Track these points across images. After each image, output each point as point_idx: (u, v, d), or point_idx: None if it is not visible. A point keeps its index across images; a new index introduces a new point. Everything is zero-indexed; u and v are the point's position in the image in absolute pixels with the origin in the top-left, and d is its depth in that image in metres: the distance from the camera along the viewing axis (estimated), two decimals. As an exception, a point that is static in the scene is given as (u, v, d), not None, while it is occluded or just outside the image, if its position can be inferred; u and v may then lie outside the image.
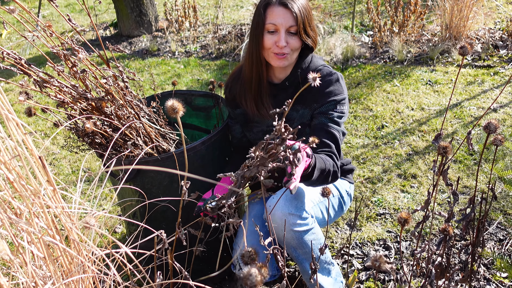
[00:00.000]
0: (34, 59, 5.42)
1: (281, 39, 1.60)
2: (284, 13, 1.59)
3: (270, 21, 1.60)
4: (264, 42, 1.63)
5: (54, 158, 3.33)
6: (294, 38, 1.62)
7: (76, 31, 1.49)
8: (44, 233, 0.94)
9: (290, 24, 1.59)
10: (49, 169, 0.87)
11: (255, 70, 1.72)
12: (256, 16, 1.65)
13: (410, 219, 1.05)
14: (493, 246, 2.12)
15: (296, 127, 1.11)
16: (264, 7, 1.62)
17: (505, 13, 4.74)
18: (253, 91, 1.76)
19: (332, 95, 1.67)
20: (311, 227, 1.58)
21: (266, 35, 1.63)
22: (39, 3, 6.19)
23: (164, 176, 1.74)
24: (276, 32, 1.62)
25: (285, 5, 1.59)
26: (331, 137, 1.64)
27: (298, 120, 1.75)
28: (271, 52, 1.64)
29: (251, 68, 1.72)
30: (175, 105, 0.96)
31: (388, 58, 4.28)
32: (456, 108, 3.30)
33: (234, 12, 6.22)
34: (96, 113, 1.65)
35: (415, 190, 2.55)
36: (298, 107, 1.74)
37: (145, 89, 4.23)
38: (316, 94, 1.68)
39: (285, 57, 1.64)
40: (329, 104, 1.67)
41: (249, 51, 1.71)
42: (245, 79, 1.78)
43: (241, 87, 1.81)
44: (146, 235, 1.22)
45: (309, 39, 1.65)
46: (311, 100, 1.71)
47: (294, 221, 1.53)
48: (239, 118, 1.88)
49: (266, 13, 1.61)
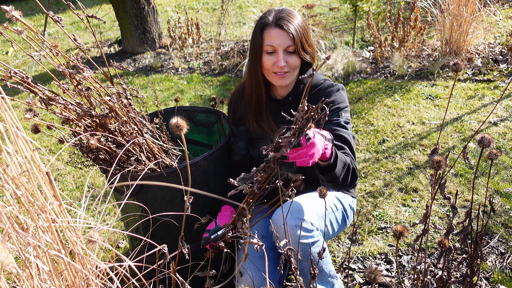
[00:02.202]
0: (39, 76, 5.50)
1: (280, 60, 1.63)
2: (281, 34, 1.63)
3: (268, 43, 1.64)
4: (264, 63, 1.67)
5: (59, 173, 3.37)
6: (293, 57, 1.66)
7: (81, 50, 1.54)
8: (49, 247, 0.97)
9: (288, 44, 1.63)
10: (55, 184, 0.90)
11: (255, 89, 1.76)
12: (254, 38, 1.69)
13: (406, 232, 1.07)
14: (494, 260, 2.12)
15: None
16: (261, 30, 1.66)
17: (504, 28, 4.79)
18: (253, 108, 1.80)
19: (335, 104, 1.71)
20: (316, 240, 1.59)
21: (265, 56, 1.66)
22: (45, 21, 6.29)
23: (167, 191, 1.76)
24: (275, 52, 1.65)
25: (281, 27, 1.63)
26: (342, 139, 1.63)
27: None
28: (271, 72, 1.68)
29: (251, 87, 1.77)
30: (180, 123, 0.99)
31: (389, 73, 4.32)
32: (457, 122, 3.32)
33: (236, 29, 6.30)
34: (100, 130, 1.68)
35: (416, 204, 2.57)
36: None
37: (149, 105, 4.28)
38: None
39: (285, 75, 1.68)
40: (333, 112, 1.69)
41: (249, 71, 1.75)
42: (246, 97, 1.82)
43: (243, 105, 1.85)
44: (149, 250, 1.24)
45: (307, 56, 1.69)
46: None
47: (300, 233, 1.54)
48: (243, 135, 1.91)
49: (263, 35, 1.65)
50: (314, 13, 6.28)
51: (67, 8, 9.00)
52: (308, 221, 1.57)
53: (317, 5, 6.79)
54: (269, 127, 1.79)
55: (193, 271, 1.53)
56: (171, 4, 8.32)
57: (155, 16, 5.87)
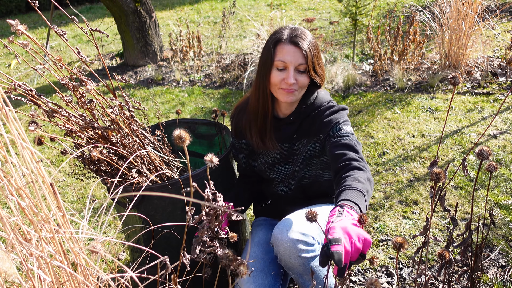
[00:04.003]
0: (41, 88, 5.53)
1: (290, 77, 1.61)
2: (294, 51, 1.61)
3: (280, 58, 1.62)
4: (272, 78, 1.65)
5: (60, 185, 3.37)
6: (303, 76, 1.64)
7: (84, 63, 1.56)
8: (52, 258, 0.98)
9: (300, 62, 1.61)
10: (58, 195, 0.91)
11: (261, 104, 1.74)
12: (266, 52, 1.67)
13: (406, 243, 1.08)
14: (495, 272, 2.12)
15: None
16: (274, 44, 1.63)
17: (503, 41, 4.83)
18: (258, 124, 1.78)
19: (333, 120, 1.71)
20: (318, 254, 1.57)
21: (275, 71, 1.64)
22: (48, 35, 6.35)
23: (168, 203, 1.77)
24: (285, 69, 1.63)
25: (295, 43, 1.61)
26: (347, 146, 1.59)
27: (306, 154, 1.78)
28: (279, 88, 1.66)
29: (257, 101, 1.74)
30: (182, 134, 1.01)
31: (389, 86, 4.35)
32: (457, 134, 3.34)
33: (237, 42, 6.35)
34: (102, 142, 1.70)
35: (416, 216, 2.57)
36: (304, 141, 1.77)
37: (150, 118, 4.31)
38: (320, 124, 1.72)
39: (293, 92, 1.65)
40: (334, 128, 1.69)
41: (257, 85, 1.73)
42: (251, 112, 1.80)
43: (246, 119, 1.83)
44: (149, 262, 1.25)
45: (317, 77, 1.67)
46: (316, 132, 1.74)
47: (302, 247, 1.52)
48: (244, 148, 1.91)
49: (276, 50, 1.63)
50: (314, 26, 6.34)
51: (69, 22, 9.09)
52: (310, 235, 1.56)
53: (317, 19, 6.85)
54: (272, 144, 1.79)
55: (195, 283, 1.53)
56: (172, 17, 8.40)
57: (157, 30, 5.92)
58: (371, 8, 5.08)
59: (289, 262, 1.56)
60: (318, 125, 1.73)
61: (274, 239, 1.59)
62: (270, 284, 1.68)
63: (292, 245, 1.52)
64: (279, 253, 1.58)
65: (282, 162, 1.82)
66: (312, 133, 1.75)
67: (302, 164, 1.81)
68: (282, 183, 1.88)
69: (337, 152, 1.58)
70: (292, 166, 1.82)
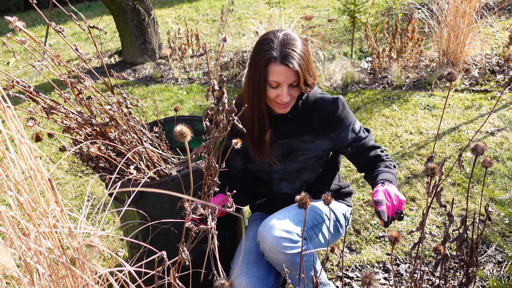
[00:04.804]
0: (40, 86, 5.53)
1: (284, 95, 1.61)
2: (287, 71, 1.58)
3: (272, 78, 1.59)
4: (267, 93, 1.64)
5: (58, 183, 3.38)
6: (296, 89, 1.65)
7: (83, 60, 1.56)
8: (50, 252, 0.98)
9: (292, 80, 1.60)
10: (57, 190, 0.92)
11: (257, 119, 1.71)
12: (257, 69, 1.62)
13: (400, 237, 1.09)
14: (491, 268, 2.13)
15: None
16: (266, 64, 1.59)
17: (501, 39, 4.84)
18: (255, 138, 1.76)
19: (347, 122, 1.76)
20: (304, 249, 1.62)
21: (269, 88, 1.63)
22: (46, 32, 6.35)
23: (166, 199, 1.78)
24: (279, 86, 1.62)
25: (286, 65, 1.58)
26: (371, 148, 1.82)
27: (309, 150, 1.79)
28: (273, 102, 1.66)
29: (252, 114, 1.71)
30: (184, 130, 1.01)
31: (387, 84, 4.36)
32: (454, 132, 3.35)
33: (236, 40, 6.36)
34: (100, 138, 1.71)
35: (414, 213, 2.58)
36: (307, 137, 1.77)
37: (148, 115, 4.31)
38: (330, 122, 1.74)
39: (287, 105, 1.67)
40: (349, 131, 1.77)
41: (250, 97, 1.69)
42: (246, 122, 1.74)
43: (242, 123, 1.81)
44: (147, 258, 1.25)
45: (308, 88, 1.67)
46: (326, 129, 1.75)
47: (286, 244, 1.57)
48: (240, 151, 1.86)
49: (268, 69, 1.60)
50: (313, 24, 6.34)
51: (68, 20, 9.08)
52: (294, 232, 1.60)
53: (315, 17, 6.85)
54: (269, 155, 1.78)
55: (193, 278, 1.54)
56: (171, 15, 8.40)
57: (155, 27, 5.93)
58: (369, 6, 5.09)
59: (275, 259, 1.62)
60: (327, 121, 1.74)
61: (259, 236, 1.65)
62: (263, 276, 1.72)
63: (276, 242, 1.57)
64: (264, 250, 1.64)
65: (281, 160, 1.82)
66: (322, 129, 1.76)
67: (310, 161, 1.81)
68: (284, 181, 1.88)
69: (369, 156, 1.81)
70: (292, 163, 1.82)
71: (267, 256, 1.65)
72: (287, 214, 1.69)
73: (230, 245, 2.04)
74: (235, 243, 2.08)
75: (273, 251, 1.58)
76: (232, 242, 2.06)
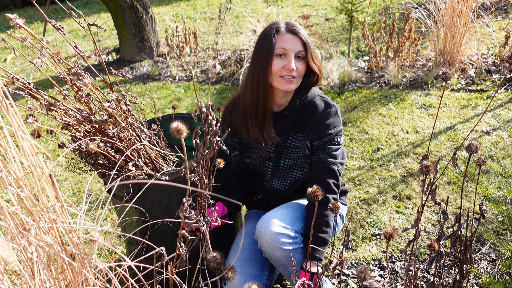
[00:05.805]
0: (37, 83, 5.53)
1: (291, 61, 1.65)
2: (294, 39, 1.67)
3: (280, 45, 1.66)
4: (273, 66, 1.67)
5: (56, 180, 3.38)
6: (302, 63, 1.69)
7: (82, 57, 1.57)
8: (50, 247, 1.00)
9: (299, 49, 1.67)
10: (57, 186, 0.93)
11: (261, 96, 1.72)
12: (264, 41, 1.69)
13: (395, 234, 1.11)
14: (486, 266, 2.16)
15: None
16: (273, 35, 1.68)
17: (497, 39, 4.86)
18: (259, 117, 1.77)
19: (331, 128, 1.74)
20: (300, 246, 1.65)
21: (275, 59, 1.67)
22: (44, 29, 6.34)
23: (164, 196, 1.79)
24: (285, 56, 1.67)
25: (293, 32, 1.68)
26: (330, 173, 1.73)
27: (300, 149, 1.80)
28: (279, 76, 1.68)
29: (256, 95, 1.73)
30: (180, 127, 1.03)
31: (384, 83, 4.38)
32: (450, 131, 3.37)
33: (233, 38, 6.36)
34: (99, 135, 1.72)
35: (409, 211, 2.61)
36: (300, 136, 1.78)
37: (146, 113, 4.32)
38: (317, 124, 1.74)
39: (293, 80, 1.68)
40: (326, 138, 1.73)
41: (253, 77, 1.72)
42: (247, 107, 1.77)
43: (240, 116, 1.81)
44: (146, 254, 1.27)
45: (315, 66, 1.72)
46: (311, 130, 1.76)
47: (284, 239, 1.60)
48: (238, 145, 1.89)
49: (275, 39, 1.67)
50: (310, 23, 6.36)
51: (65, 17, 9.07)
52: (291, 228, 1.63)
53: (313, 16, 6.87)
54: (271, 136, 1.80)
55: (191, 273, 1.56)
56: (169, 13, 8.40)
57: (153, 25, 5.93)
58: (366, 5, 5.10)
59: (273, 255, 1.64)
60: (316, 123, 1.75)
61: (257, 233, 1.67)
62: (256, 274, 1.74)
63: (274, 238, 1.60)
64: (262, 246, 1.66)
65: (274, 156, 1.83)
66: (308, 129, 1.77)
67: (300, 159, 1.83)
68: (276, 177, 1.89)
69: (322, 179, 1.73)
70: (284, 160, 1.83)
71: (265, 252, 1.67)
72: (285, 211, 1.71)
73: (227, 243, 2.06)
74: (231, 241, 2.10)
75: (271, 247, 1.60)
76: (228, 240, 2.07)
